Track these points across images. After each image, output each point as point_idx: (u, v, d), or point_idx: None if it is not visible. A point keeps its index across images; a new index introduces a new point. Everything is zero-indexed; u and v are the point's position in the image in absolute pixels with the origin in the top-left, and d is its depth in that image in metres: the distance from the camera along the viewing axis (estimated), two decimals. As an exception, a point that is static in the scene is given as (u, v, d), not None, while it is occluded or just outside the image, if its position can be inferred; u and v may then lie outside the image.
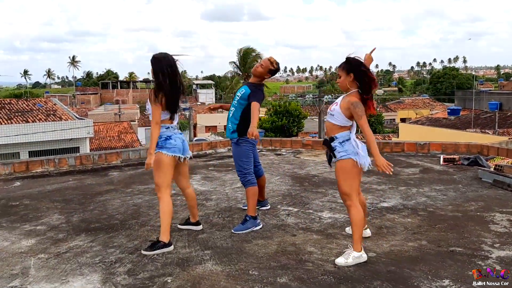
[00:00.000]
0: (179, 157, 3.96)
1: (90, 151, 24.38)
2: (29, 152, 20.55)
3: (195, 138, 32.78)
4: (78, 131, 22.32)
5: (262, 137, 20.84)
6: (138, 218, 4.85)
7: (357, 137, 3.62)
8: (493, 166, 6.80)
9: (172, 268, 3.52)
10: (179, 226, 4.42)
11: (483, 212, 4.76)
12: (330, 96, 50.81)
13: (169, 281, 3.31)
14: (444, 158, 7.42)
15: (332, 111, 3.63)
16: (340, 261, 3.51)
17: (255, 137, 4.12)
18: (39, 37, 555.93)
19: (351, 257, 3.50)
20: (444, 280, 3.21)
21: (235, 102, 4.54)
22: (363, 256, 3.53)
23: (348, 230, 4.18)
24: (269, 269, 3.47)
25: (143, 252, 3.83)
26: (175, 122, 4.01)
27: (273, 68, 4.55)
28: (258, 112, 4.33)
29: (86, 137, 22.93)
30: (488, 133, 24.63)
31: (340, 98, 3.66)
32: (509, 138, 11.50)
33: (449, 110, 37.17)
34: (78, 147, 22.34)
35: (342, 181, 3.57)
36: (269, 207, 5.07)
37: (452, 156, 7.43)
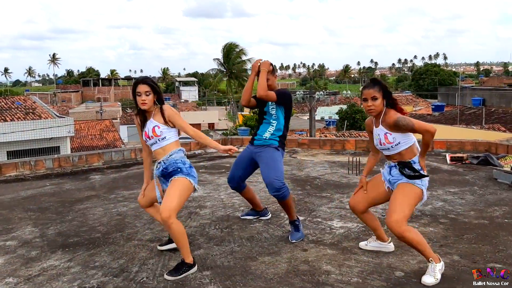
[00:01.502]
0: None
1: (71, 150, 23.54)
2: (7, 152, 19.66)
3: (179, 136, 31.95)
4: (58, 130, 21.46)
5: (247, 135, 20.31)
6: (123, 230, 4.25)
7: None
8: (505, 165, 6.35)
9: (166, 296, 2.95)
10: (160, 248, 3.72)
11: (511, 219, 4.27)
12: (322, 92, 50.43)
13: (163, 313, 2.74)
14: (451, 157, 6.95)
15: (383, 145, 3.21)
16: (430, 280, 3.02)
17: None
18: (20, 35, 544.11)
19: (437, 271, 3.05)
20: (491, 307, 2.70)
21: (273, 114, 4.06)
22: (442, 263, 3.12)
23: (363, 245, 3.64)
24: (282, 295, 2.92)
25: (167, 277, 3.19)
26: None
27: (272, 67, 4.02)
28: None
29: (66, 136, 22.07)
30: (474, 128, 24.49)
31: (377, 130, 3.24)
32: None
33: (433, 107, 37.15)
34: (59, 147, 21.48)
35: (407, 206, 3.07)
36: (270, 216, 4.53)
37: (459, 155, 6.97)
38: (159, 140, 3.36)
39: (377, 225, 3.56)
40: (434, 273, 3.04)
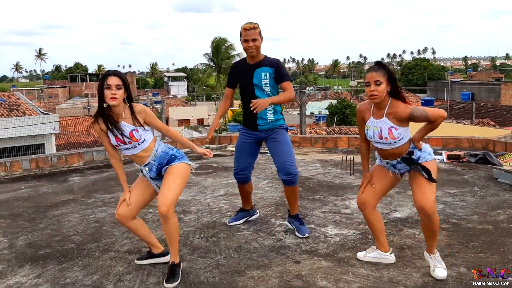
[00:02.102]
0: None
1: (57, 147, 23.00)
2: (-11, 149, 19.12)
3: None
4: (43, 127, 20.93)
5: (237, 131, 19.97)
6: (100, 240, 3.90)
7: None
8: (504, 164, 6.10)
9: (143, 320, 2.62)
10: (138, 262, 3.36)
11: (517, 224, 3.99)
12: (312, 88, 50.19)
13: None
14: (447, 155, 6.68)
15: (386, 140, 2.93)
16: (444, 272, 3.01)
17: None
18: (7, 30, 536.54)
19: (436, 258, 3.07)
20: (507, 330, 2.41)
21: (267, 89, 3.71)
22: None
23: (361, 256, 3.33)
24: (273, 317, 2.60)
25: (167, 286, 2.95)
26: None
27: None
28: None
29: (51, 133, 21.55)
30: (464, 123, 24.38)
31: (379, 122, 2.93)
32: (512, 131, 10.90)
33: (423, 101, 37.06)
34: (43, 144, 20.95)
35: (434, 186, 2.95)
36: (258, 214, 4.23)
37: (456, 153, 6.70)
38: (138, 145, 3.03)
39: (383, 228, 3.27)
40: (442, 263, 3.04)
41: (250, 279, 3.06)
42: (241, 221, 4.15)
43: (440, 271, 2.98)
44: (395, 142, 2.91)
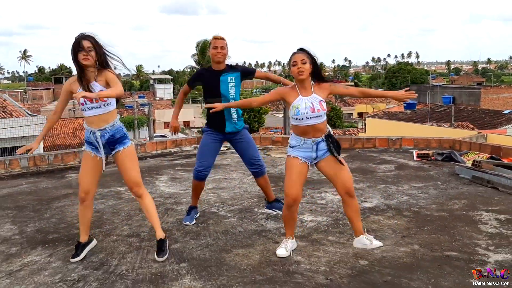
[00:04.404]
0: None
1: (44, 149, 23.24)
2: (-23, 151, 19.30)
3: (155, 134, 31.88)
4: (30, 128, 21.17)
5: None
6: (102, 226, 4.38)
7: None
8: (467, 161, 6.70)
9: (145, 286, 3.11)
10: (73, 260, 3.55)
11: (469, 211, 4.57)
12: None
13: (142, 302, 2.90)
14: (417, 154, 7.27)
15: (318, 112, 3.40)
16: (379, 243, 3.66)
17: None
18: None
19: (368, 236, 3.69)
20: (446, 290, 2.96)
21: (232, 93, 4.23)
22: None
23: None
24: (254, 283, 3.12)
25: (160, 259, 3.48)
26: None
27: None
28: None
29: (39, 135, 21.78)
30: (444, 126, 25.17)
31: (309, 98, 3.42)
32: (479, 133, 11.59)
33: (405, 104, 37.79)
34: (31, 146, 21.18)
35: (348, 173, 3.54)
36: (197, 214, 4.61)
37: (425, 152, 7.29)
38: (104, 106, 3.35)
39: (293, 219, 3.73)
40: (370, 241, 3.64)
41: (236, 256, 3.58)
42: (194, 221, 4.38)
43: (377, 242, 3.61)
44: (324, 114, 3.41)
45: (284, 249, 3.54)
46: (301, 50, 3.45)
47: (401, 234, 3.99)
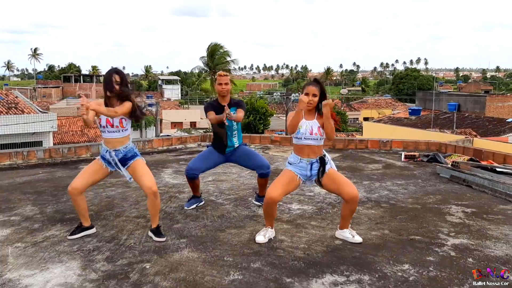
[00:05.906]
0: None
1: (54, 145, 23.92)
2: (-11, 145, 20.03)
3: (161, 134, 32.55)
4: (41, 125, 21.89)
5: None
6: (113, 209, 4.95)
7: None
8: (450, 163, 7.22)
9: (150, 255, 3.68)
10: (70, 238, 4.07)
11: (441, 205, 5.10)
12: (297, 94, 51.36)
13: (147, 267, 3.46)
14: (405, 155, 7.80)
15: (315, 135, 3.87)
16: (349, 236, 3.99)
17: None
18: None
19: (351, 230, 4.07)
20: (404, 265, 3.50)
21: (235, 123, 4.84)
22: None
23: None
24: (242, 255, 3.67)
25: (159, 239, 3.97)
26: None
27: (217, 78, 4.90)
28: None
29: (49, 131, 22.50)
30: (446, 132, 25.61)
31: (310, 122, 3.89)
32: (466, 137, 12.09)
33: (410, 110, 38.32)
34: (41, 141, 21.90)
35: (350, 183, 3.91)
36: (204, 202, 5.18)
37: (412, 153, 7.82)
38: (122, 131, 4.02)
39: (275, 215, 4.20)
40: (353, 234, 4.03)
41: (228, 234, 4.14)
42: (193, 206, 5.00)
43: (358, 238, 3.97)
44: (321, 138, 3.89)
45: (262, 236, 4.00)
46: (316, 82, 3.87)
47: (375, 221, 4.53)
